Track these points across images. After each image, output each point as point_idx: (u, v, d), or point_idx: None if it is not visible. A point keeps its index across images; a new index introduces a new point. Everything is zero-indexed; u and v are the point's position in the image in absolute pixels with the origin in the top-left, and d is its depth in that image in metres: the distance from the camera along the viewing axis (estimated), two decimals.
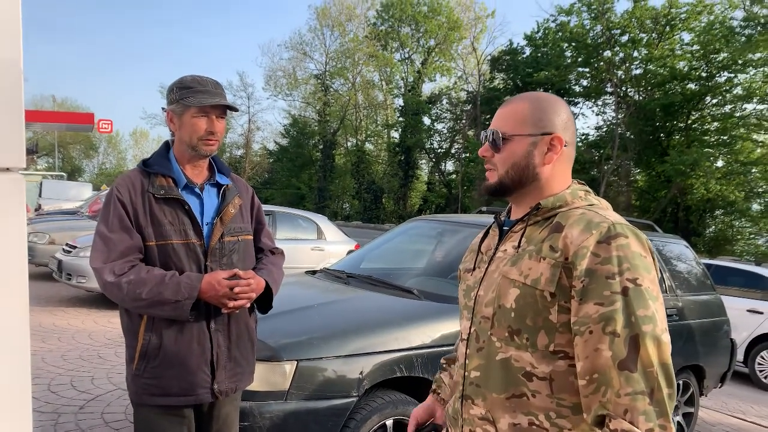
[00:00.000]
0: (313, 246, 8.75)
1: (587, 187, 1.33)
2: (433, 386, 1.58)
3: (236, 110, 2.08)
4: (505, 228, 1.36)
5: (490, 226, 1.43)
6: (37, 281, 9.10)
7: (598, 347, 1.09)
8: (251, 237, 2.17)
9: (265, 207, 8.48)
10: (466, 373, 1.30)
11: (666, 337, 1.09)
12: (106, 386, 4.56)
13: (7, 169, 1.02)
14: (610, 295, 1.09)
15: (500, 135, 1.28)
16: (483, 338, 1.27)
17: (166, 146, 2.09)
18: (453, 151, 36.77)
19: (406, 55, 38.40)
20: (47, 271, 8.81)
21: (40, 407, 4.05)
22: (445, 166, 38.15)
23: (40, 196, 19.94)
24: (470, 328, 1.31)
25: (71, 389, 4.46)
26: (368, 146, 41.71)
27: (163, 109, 2.06)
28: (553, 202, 1.26)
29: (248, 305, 2.01)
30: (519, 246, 1.25)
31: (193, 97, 1.93)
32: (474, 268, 1.37)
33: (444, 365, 1.59)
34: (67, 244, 7.93)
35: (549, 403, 1.17)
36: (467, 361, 1.31)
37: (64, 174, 33.73)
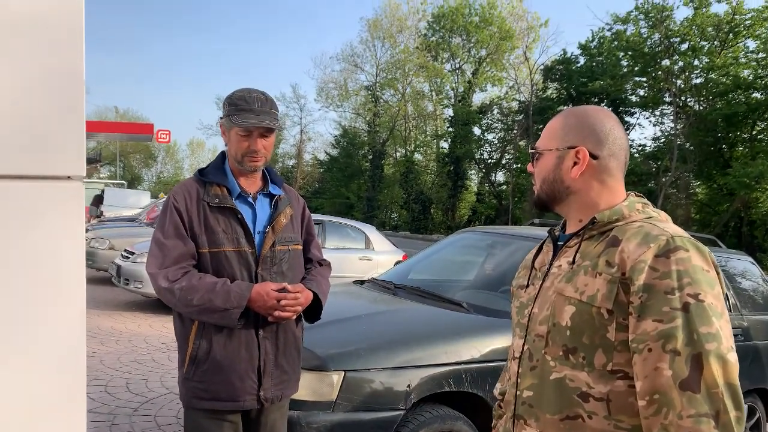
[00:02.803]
0: (362, 256, 8.77)
1: (645, 200, 1.29)
2: (497, 422, 1.53)
3: (280, 129, 2.11)
4: (559, 243, 1.32)
5: (544, 241, 1.40)
6: (98, 285, 9.46)
7: (658, 366, 1.04)
8: (301, 247, 2.20)
9: (315, 216, 8.56)
10: (519, 393, 1.27)
11: (732, 357, 1.03)
12: (159, 390, 4.68)
13: (68, 177, 1.05)
14: (670, 311, 1.05)
15: (535, 151, 1.32)
16: (537, 357, 1.23)
17: (222, 156, 2.15)
18: (504, 161, 36.31)
19: (457, 66, 38.24)
20: (107, 276, 9.15)
21: (96, 408, 4.19)
22: (495, 176, 37.69)
23: (102, 203, 20.80)
24: (523, 346, 1.28)
25: (126, 392, 4.60)
26: (417, 156, 41.66)
27: (220, 118, 2.12)
28: (609, 216, 1.22)
29: (294, 317, 2.03)
30: (574, 261, 1.22)
31: (236, 115, 1.98)
32: (528, 285, 1.34)
33: (501, 398, 1.52)
34: (125, 250, 8.21)
35: (606, 425, 1.12)
36: (519, 380, 1.27)
37: (124, 182, 35.19)
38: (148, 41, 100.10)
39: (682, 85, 26.36)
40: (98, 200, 21.06)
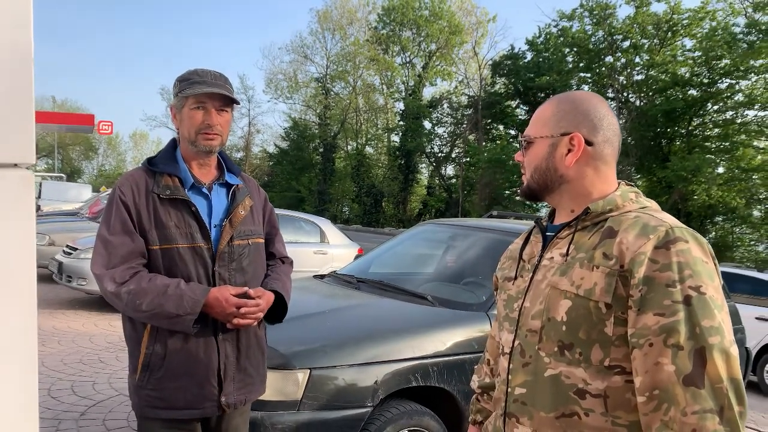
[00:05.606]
0: (316, 249, 8.66)
1: (637, 189, 1.26)
2: (475, 417, 1.49)
3: (237, 103, 1.93)
4: (548, 234, 1.27)
5: (531, 232, 1.34)
6: (37, 283, 8.97)
7: (659, 361, 1.01)
8: (263, 240, 2.05)
9: None
10: (510, 390, 1.22)
11: (734, 351, 1.01)
12: (107, 392, 4.46)
13: (15, 165, 0.97)
14: (671, 304, 1.01)
15: (525, 139, 1.26)
16: (529, 353, 1.18)
17: (173, 144, 1.98)
18: (453, 155, 36.71)
19: (407, 59, 38.34)
20: (47, 273, 8.70)
21: (40, 413, 3.94)
22: (445, 170, 38.08)
23: (39, 197, 19.80)
24: (514, 341, 1.23)
25: (72, 395, 4.36)
26: (368, 150, 41.58)
27: (169, 103, 1.97)
28: (603, 206, 1.18)
29: (254, 324, 1.91)
30: (567, 254, 1.17)
31: (189, 88, 1.83)
32: (516, 277, 1.28)
33: (479, 392, 1.49)
34: (67, 246, 7.82)
35: (603, 422, 1.08)
36: (510, 377, 1.22)
37: (63, 175, 33.63)
38: (90, 31, 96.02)
39: (624, 82, 27.28)
40: None
